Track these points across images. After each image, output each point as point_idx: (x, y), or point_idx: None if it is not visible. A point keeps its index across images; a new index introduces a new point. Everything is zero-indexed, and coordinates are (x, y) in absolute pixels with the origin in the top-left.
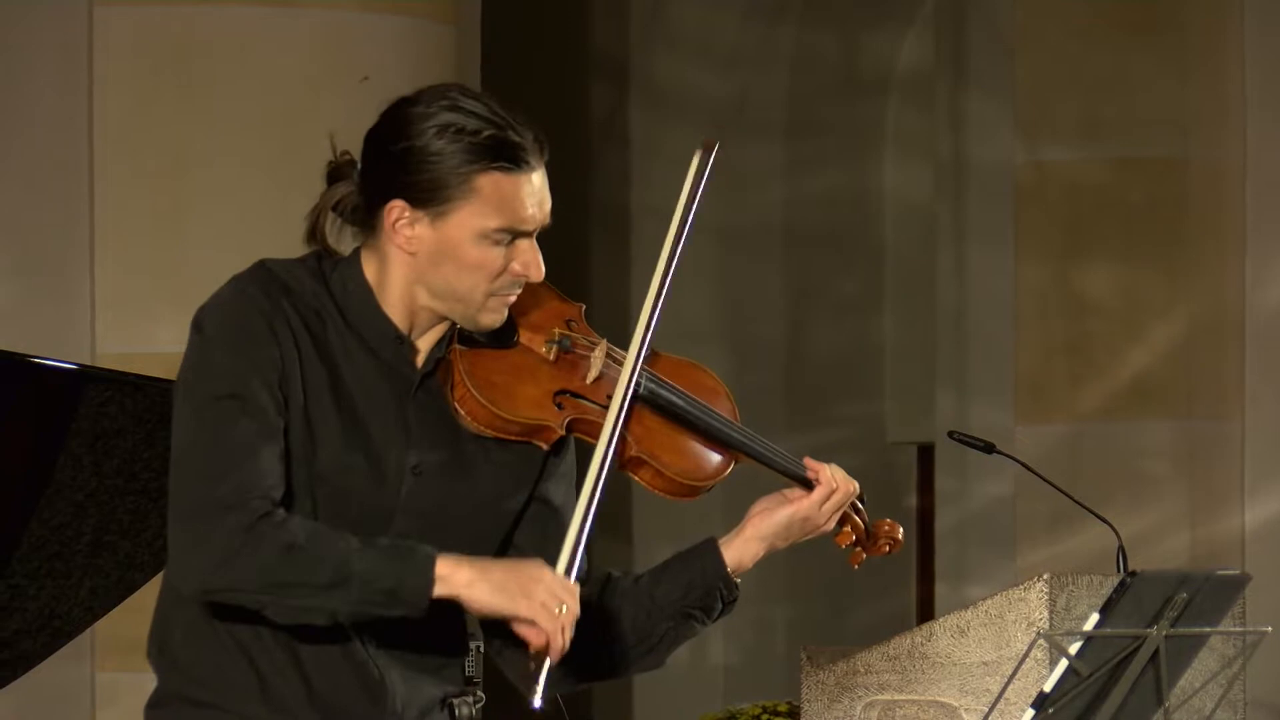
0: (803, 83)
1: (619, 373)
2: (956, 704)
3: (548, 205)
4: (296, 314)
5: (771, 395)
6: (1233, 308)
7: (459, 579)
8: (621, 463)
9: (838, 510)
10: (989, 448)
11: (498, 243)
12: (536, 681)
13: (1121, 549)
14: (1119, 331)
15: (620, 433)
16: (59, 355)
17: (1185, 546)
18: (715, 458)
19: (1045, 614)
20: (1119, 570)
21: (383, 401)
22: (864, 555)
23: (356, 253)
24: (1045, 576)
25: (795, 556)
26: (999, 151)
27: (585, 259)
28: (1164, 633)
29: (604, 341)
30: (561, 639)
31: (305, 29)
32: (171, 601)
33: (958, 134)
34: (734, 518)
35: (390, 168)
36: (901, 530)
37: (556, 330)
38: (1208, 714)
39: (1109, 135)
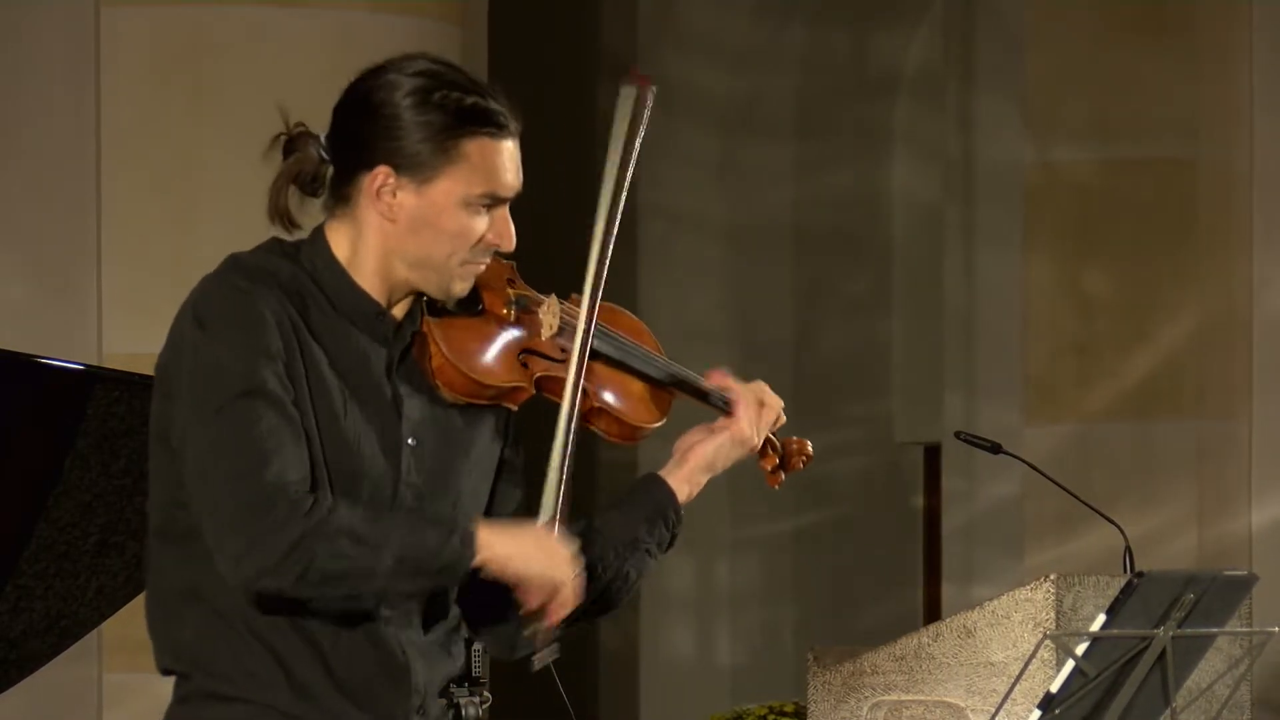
0: (812, 83)
1: (570, 324)
2: (963, 704)
3: (519, 175)
4: (284, 298)
5: (779, 394)
6: (1241, 308)
7: (499, 551)
8: (582, 415)
9: (767, 427)
10: (996, 448)
11: (479, 210)
12: (548, 641)
13: (1128, 549)
14: (1127, 332)
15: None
16: (66, 356)
17: (1192, 547)
18: (662, 397)
19: (1052, 614)
20: (1126, 571)
21: (373, 378)
22: (783, 475)
23: (320, 230)
24: (1052, 577)
25: (801, 557)
26: (1008, 152)
27: None
28: (1171, 633)
29: (552, 296)
30: (569, 604)
31: (313, 29)
32: (176, 600)
33: (967, 134)
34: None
35: (371, 136)
36: (810, 445)
37: (511, 291)
38: (1214, 714)
39: (1118, 136)
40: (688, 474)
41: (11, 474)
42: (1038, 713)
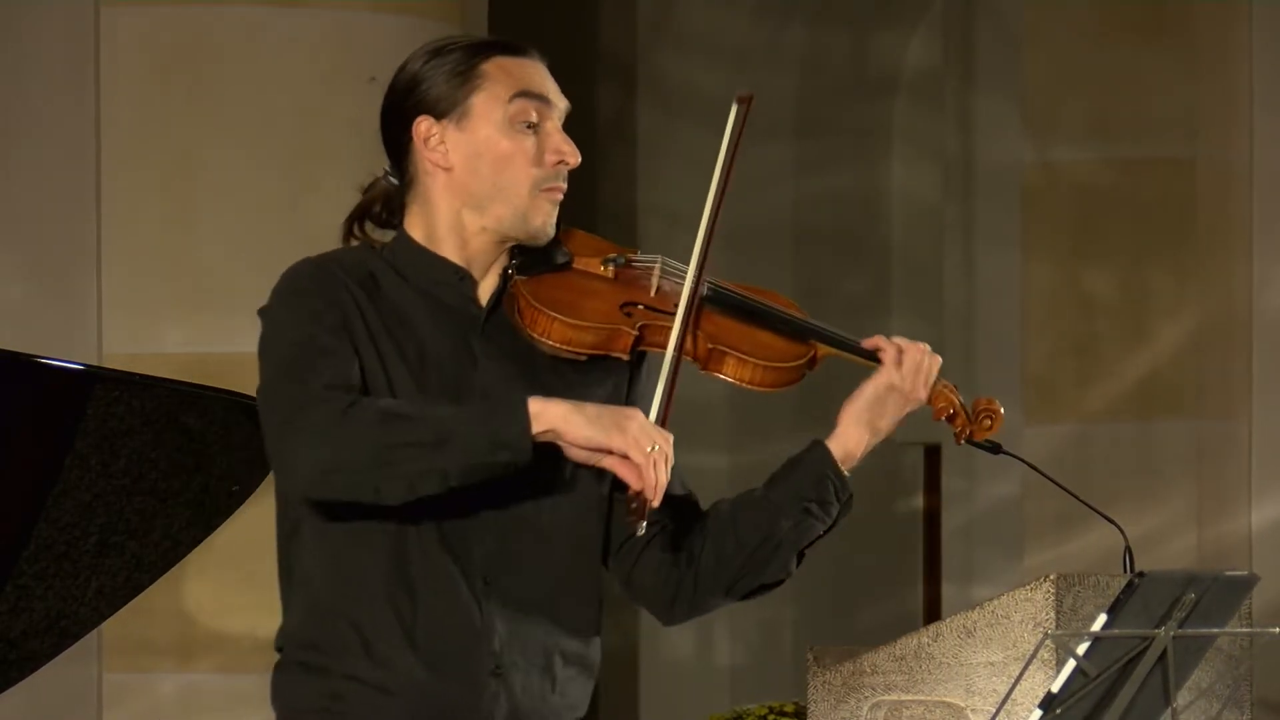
0: (811, 83)
1: (680, 285)
2: (963, 704)
3: (562, 97)
4: (349, 276)
5: (779, 394)
6: (1240, 308)
7: (553, 414)
8: (702, 362)
9: (920, 374)
10: (996, 448)
11: (524, 128)
12: (642, 516)
13: (1129, 549)
14: (1126, 332)
15: (694, 333)
16: (66, 356)
17: (1192, 547)
18: (792, 342)
19: (1052, 614)
20: (1126, 571)
21: (449, 342)
22: (968, 430)
23: (399, 229)
24: (1052, 577)
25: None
26: (1007, 152)
27: None
28: (1171, 633)
29: (660, 257)
30: (655, 474)
31: (313, 29)
32: (298, 586)
33: (966, 134)
34: None
35: (402, 101)
36: (1001, 406)
37: (610, 253)
38: (1215, 714)
39: (1117, 136)
40: (843, 432)
41: (11, 474)
42: (1038, 713)
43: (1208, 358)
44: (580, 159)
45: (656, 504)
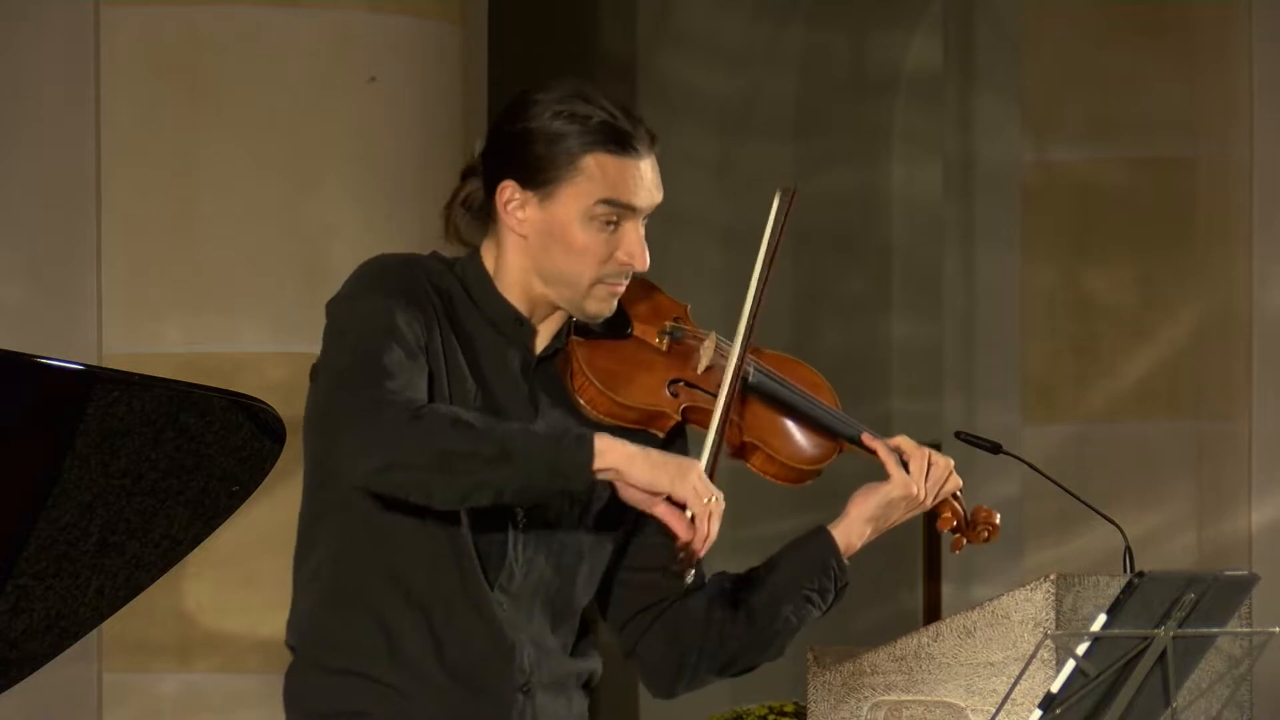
0: (811, 83)
1: (728, 363)
2: (963, 704)
3: (657, 195)
4: (430, 287)
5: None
6: (1240, 308)
7: (618, 454)
8: (734, 450)
9: (933, 486)
10: (996, 448)
11: (603, 226)
12: (689, 565)
13: (1128, 549)
14: (1126, 332)
15: (732, 420)
16: (66, 355)
17: (1192, 547)
18: (822, 443)
19: (1052, 614)
20: (1126, 571)
21: (510, 375)
22: (965, 541)
23: (475, 248)
24: (1052, 577)
25: None
26: (1007, 151)
27: None
28: (1171, 633)
29: (713, 333)
30: (707, 526)
31: (312, 29)
32: (309, 582)
33: (966, 134)
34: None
35: (505, 150)
36: (999, 517)
37: (668, 322)
38: (1215, 714)
39: (1117, 135)
40: (848, 525)
41: (11, 474)
42: (1038, 713)
43: (1208, 358)
44: (648, 265)
45: (702, 554)
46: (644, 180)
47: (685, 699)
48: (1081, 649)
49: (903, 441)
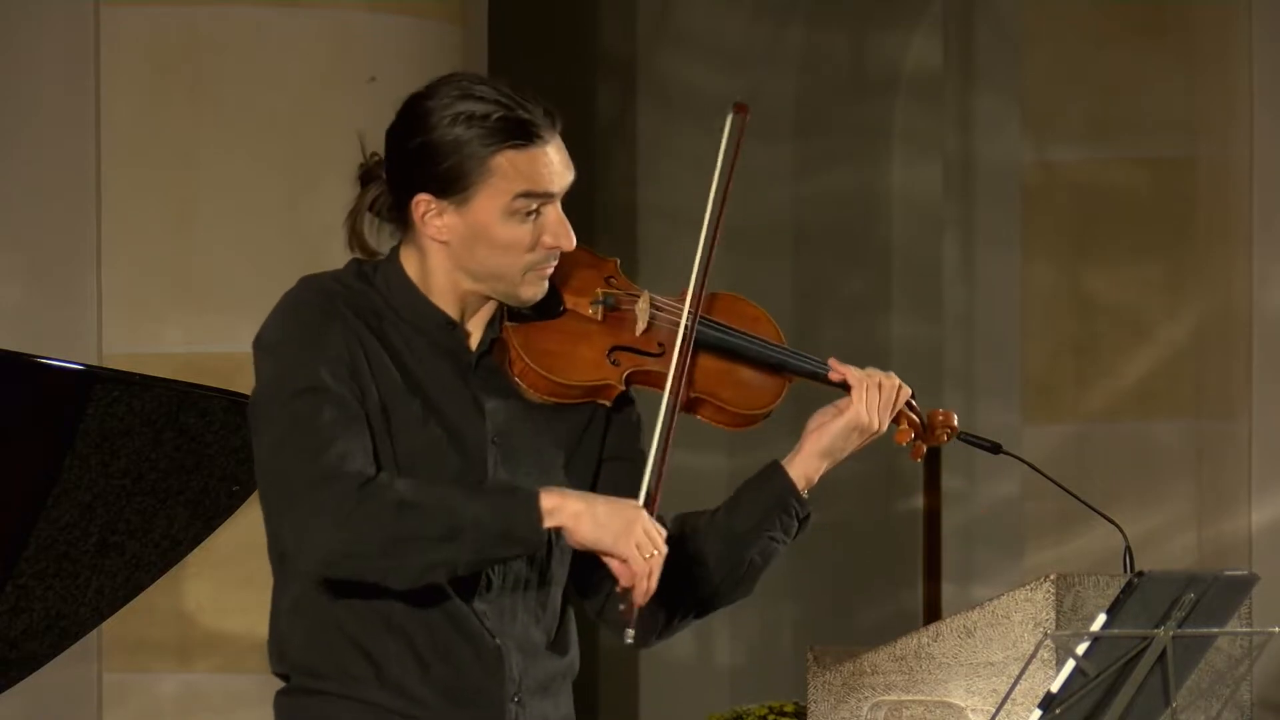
0: (810, 82)
1: (666, 320)
2: (963, 704)
3: (568, 175)
4: (351, 311)
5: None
6: (1240, 308)
7: (566, 512)
8: (684, 405)
9: (887, 410)
10: (996, 448)
11: (524, 218)
12: (630, 620)
13: (1128, 549)
14: (1126, 332)
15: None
16: (66, 355)
17: (1192, 547)
18: (770, 383)
19: (1052, 614)
20: (1126, 571)
21: (449, 382)
22: (924, 447)
23: (395, 251)
24: (1052, 577)
25: (802, 557)
26: (1007, 151)
27: None
28: (1171, 633)
29: (645, 292)
30: (648, 583)
31: (312, 29)
32: (289, 612)
33: (965, 134)
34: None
35: (410, 163)
36: (956, 418)
37: (599, 290)
38: (1214, 714)
39: (1117, 135)
40: (804, 459)
41: (11, 474)
42: (1038, 712)
43: (1208, 358)
44: (575, 244)
45: (641, 605)
46: (554, 165)
47: (685, 699)
48: (1081, 649)
49: (847, 369)
